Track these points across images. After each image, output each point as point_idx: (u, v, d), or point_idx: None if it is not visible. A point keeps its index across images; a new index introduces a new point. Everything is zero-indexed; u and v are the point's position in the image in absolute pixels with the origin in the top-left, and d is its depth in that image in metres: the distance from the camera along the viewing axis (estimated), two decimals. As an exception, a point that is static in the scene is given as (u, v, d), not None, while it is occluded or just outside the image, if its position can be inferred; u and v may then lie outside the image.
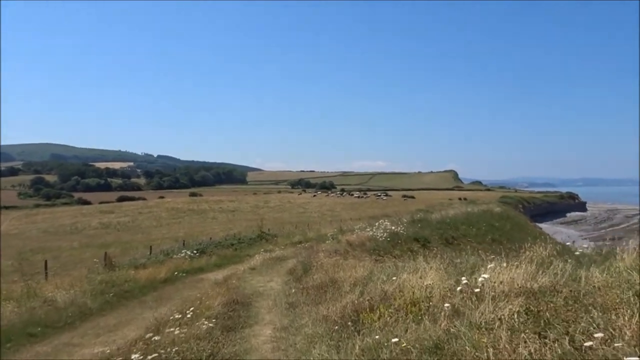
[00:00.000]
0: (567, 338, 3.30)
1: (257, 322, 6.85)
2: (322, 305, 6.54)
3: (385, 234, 17.68)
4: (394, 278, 6.24)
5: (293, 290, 8.73)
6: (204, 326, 5.89)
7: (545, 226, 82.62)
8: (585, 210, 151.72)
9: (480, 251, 8.05)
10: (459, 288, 4.88)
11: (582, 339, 3.31)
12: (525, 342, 3.46)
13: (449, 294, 4.97)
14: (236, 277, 12.29)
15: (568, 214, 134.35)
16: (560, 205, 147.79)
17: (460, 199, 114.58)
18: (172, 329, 5.67)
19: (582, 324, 3.52)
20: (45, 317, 8.13)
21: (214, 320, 6.34)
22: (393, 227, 18.83)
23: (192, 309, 6.86)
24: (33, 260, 34.09)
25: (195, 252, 19.05)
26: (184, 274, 14.49)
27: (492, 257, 6.61)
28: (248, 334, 6.15)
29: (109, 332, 7.65)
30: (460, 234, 23.45)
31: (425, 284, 5.50)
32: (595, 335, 3.10)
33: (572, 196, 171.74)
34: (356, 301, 5.83)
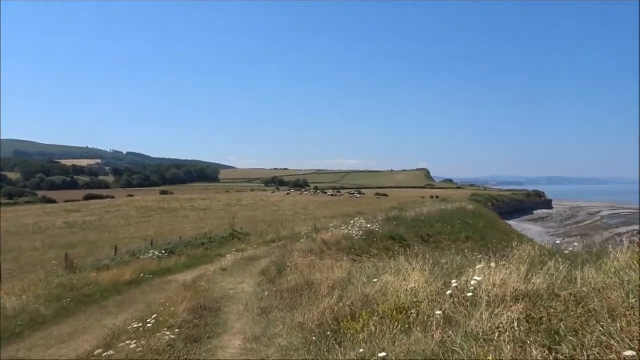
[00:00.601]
0: (585, 354, 2.85)
1: (225, 331, 6.25)
2: (298, 310, 6.01)
3: (361, 232, 17.25)
4: (375, 280, 5.75)
5: (266, 294, 8.15)
6: (165, 337, 5.24)
7: (513, 223, 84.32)
8: (551, 207, 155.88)
9: (465, 250, 7.62)
10: (448, 292, 4.42)
11: (598, 353, 2.88)
12: (532, 356, 3.01)
13: (438, 299, 4.50)
14: (206, 278, 11.63)
15: (535, 212, 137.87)
16: (527, 203, 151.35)
17: (432, 197, 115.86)
18: (128, 342, 5.02)
19: (596, 334, 3.09)
20: (-11, 327, 7.34)
21: (177, 330, 5.71)
22: (369, 225, 18.42)
23: (154, 316, 6.23)
24: (-8, 262, 32.47)
25: (163, 252, 18.24)
26: (151, 276, 13.73)
27: (478, 256, 6.18)
28: (215, 346, 5.54)
29: (61, 342, 6.92)
30: (436, 231, 23.24)
31: (409, 287, 5.03)
32: (626, 354, 2.65)
33: (538, 194, 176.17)
34: (335, 307, 5.31)
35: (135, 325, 5.97)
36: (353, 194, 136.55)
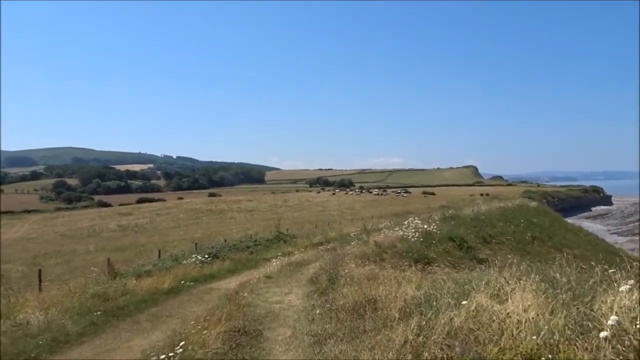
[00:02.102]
0: None
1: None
2: (362, 341, 4.68)
3: (417, 233, 15.67)
4: (464, 302, 4.34)
5: (318, 312, 6.82)
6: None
7: (570, 221, 79.65)
8: (610, 204, 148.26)
9: (570, 258, 5.99)
10: (603, 334, 2.95)
11: None
12: None
13: (578, 341, 3.04)
14: (249, 287, 10.51)
15: (593, 208, 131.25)
16: (584, 199, 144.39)
17: (482, 194, 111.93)
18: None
19: None
20: (6, 349, 6.45)
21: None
22: (425, 226, 16.79)
23: (182, 344, 5.08)
24: (44, 265, 33.03)
25: (207, 256, 17.33)
26: (192, 283, 12.75)
27: (596, 268, 4.61)
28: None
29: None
30: (498, 231, 21.29)
31: (527, 316, 3.59)
32: None
33: (596, 190, 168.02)
34: (415, 342, 3.94)
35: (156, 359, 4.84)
36: (399, 192, 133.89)
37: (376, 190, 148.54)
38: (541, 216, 30.06)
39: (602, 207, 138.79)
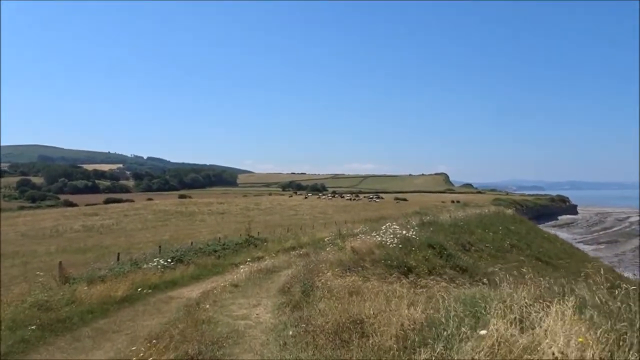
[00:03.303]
0: None
1: None
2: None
3: (395, 239, 14.79)
4: (483, 332, 3.39)
5: (290, 332, 5.74)
6: None
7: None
8: (576, 213, 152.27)
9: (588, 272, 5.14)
10: None
11: None
12: None
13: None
14: (212, 297, 9.38)
15: (559, 217, 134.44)
16: (551, 208, 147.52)
17: (453, 201, 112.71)
18: None
19: None
20: None
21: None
22: (403, 232, 15.92)
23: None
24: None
25: (170, 260, 16.02)
26: (150, 290, 11.51)
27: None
28: None
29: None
30: (477, 238, 20.66)
31: (578, 357, 2.66)
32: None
33: (562, 199, 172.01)
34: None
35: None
36: (372, 198, 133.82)
37: (349, 195, 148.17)
38: (518, 224, 29.74)
39: (568, 216, 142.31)
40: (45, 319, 7.96)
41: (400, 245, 14.41)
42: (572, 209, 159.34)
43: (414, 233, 16.41)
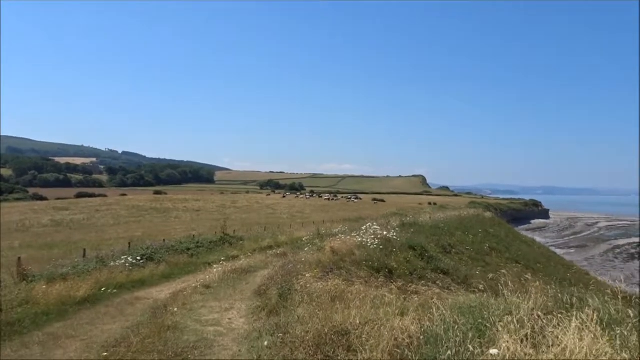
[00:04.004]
0: None
1: None
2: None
3: (376, 240, 14.30)
4: (494, 351, 2.87)
5: (266, 343, 5.12)
6: None
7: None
8: (548, 217, 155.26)
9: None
10: None
11: None
12: None
13: None
14: (182, 299, 8.70)
15: (532, 221, 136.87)
16: (524, 212, 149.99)
17: (430, 203, 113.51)
18: None
19: None
20: None
21: None
22: (385, 232, 15.46)
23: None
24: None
25: (139, 258, 15.19)
26: (116, 291, 10.74)
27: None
28: None
29: None
30: (457, 241, 20.35)
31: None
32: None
33: (535, 204, 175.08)
34: None
35: None
36: (350, 198, 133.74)
37: (327, 195, 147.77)
38: (497, 227, 29.62)
39: (541, 220, 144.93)
40: (-7, 322, 7.18)
41: (381, 247, 13.94)
42: (545, 214, 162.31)
43: (395, 234, 15.98)
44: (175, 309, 7.71)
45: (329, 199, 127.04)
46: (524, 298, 3.81)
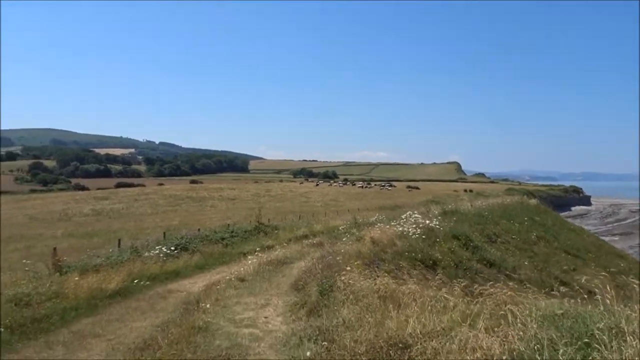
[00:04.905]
0: None
1: None
2: None
3: (418, 229, 13.49)
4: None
5: (308, 354, 4.45)
6: None
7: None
8: (589, 204, 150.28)
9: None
10: None
11: None
12: None
13: None
14: (215, 294, 8.19)
15: (573, 208, 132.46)
16: (565, 199, 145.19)
17: (465, 190, 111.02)
18: None
19: None
20: None
21: None
22: (426, 221, 14.61)
23: None
24: (2, 251, 30.17)
25: (173, 248, 14.87)
26: (148, 282, 10.36)
27: None
28: None
29: None
30: (502, 229, 19.26)
31: None
32: None
33: (576, 190, 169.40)
34: None
35: None
36: (384, 186, 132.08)
37: (360, 182, 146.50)
38: (543, 214, 28.09)
39: (582, 207, 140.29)
40: (19, 318, 6.81)
41: (423, 236, 13.14)
42: (586, 200, 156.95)
43: (437, 223, 15.10)
44: (208, 306, 7.18)
45: (362, 187, 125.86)
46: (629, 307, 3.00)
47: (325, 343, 4.51)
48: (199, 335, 5.48)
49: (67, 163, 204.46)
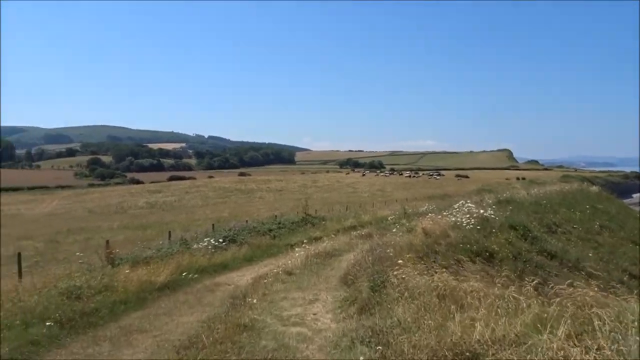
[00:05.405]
0: None
1: None
2: None
3: (471, 219, 12.79)
4: None
5: (361, 359, 4.09)
6: None
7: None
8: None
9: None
10: None
11: None
12: None
13: None
14: (262, 288, 7.97)
15: (634, 195, 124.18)
16: (624, 186, 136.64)
17: (518, 178, 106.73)
18: None
19: None
20: None
21: None
22: (480, 211, 13.86)
23: None
24: (62, 243, 31.58)
25: (221, 240, 14.87)
26: (197, 275, 10.31)
27: None
28: None
29: None
30: (562, 218, 18.10)
31: None
32: None
33: (637, 176, 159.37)
34: None
35: None
36: (432, 175, 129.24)
37: (407, 172, 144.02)
38: (605, 202, 26.29)
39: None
40: (69, 312, 6.83)
41: (478, 227, 12.43)
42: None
43: (492, 212, 14.30)
44: (255, 301, 6.95)
45: (409, 176, 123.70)
46: None
47: (380, 347, 4.09)
48: (245, 334, 5.21)
49: (122, 158, 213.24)
